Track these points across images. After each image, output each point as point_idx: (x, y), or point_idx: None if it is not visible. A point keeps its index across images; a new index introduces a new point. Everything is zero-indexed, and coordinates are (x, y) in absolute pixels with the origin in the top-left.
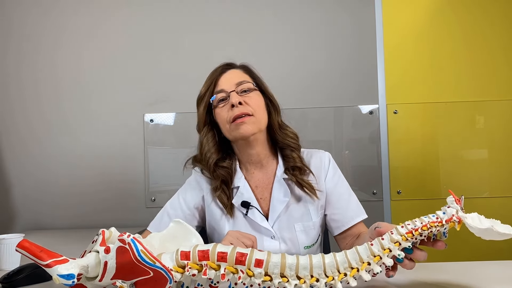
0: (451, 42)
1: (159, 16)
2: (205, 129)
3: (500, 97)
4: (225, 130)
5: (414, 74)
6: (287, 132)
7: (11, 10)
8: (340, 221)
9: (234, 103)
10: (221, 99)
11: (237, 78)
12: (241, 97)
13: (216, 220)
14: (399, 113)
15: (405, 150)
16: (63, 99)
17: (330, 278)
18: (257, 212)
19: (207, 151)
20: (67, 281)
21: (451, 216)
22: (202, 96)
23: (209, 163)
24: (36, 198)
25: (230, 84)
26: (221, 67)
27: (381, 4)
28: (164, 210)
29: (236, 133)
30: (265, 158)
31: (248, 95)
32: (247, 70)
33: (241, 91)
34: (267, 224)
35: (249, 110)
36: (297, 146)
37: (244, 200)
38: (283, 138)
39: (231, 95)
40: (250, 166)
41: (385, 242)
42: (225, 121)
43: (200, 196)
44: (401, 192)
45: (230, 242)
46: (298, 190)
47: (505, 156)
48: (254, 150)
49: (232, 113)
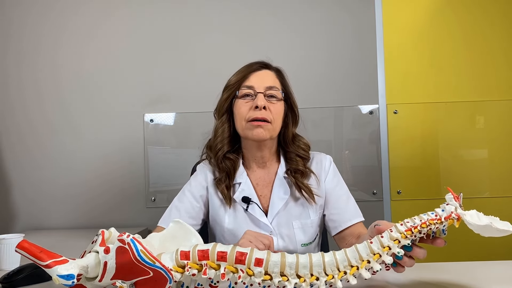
0: (451, 42)
1: (159, 16)
2: (223, 118)
3: (500, 97)
4: (239, 125)
5: (414, 74)
6: (300, 143)
7: (11, 10)
8: (337, 221)
9: (259, 106)
10: (246, 94)
11: (269, 82)
12: (267, 101)
13: (217, 212)
14: (399, 113)
15: (405, 150)
16: (63, 99)
17: (330, 277)
18: (257, 207)
19: (219, 141)
20: (66, 281)
21: (450, 213)
22: (230, 85)
23: (218, 154)
24: (36, 198)
25: (261, 84)
26: (257, 65)
27: (381, 4)
28: (172, 205)
29: (249, 132)
30: (269, 160)
31: (273, 102)
32: (280, 75)
33: (269, 95)
34: (266, 220)
35: (269, 117)
36: (307, 157)
37: (245, 196)
38: (294, 149)
39: (258, 96)
40: (253, 164)
41: (385, 240)
42: (243, 117)
43: (204, 186)
44: (401, 192)
45: (249, 241)
46: (297, 191)
47: (505, 156)
48: (260, 153)
49: (253, 114)
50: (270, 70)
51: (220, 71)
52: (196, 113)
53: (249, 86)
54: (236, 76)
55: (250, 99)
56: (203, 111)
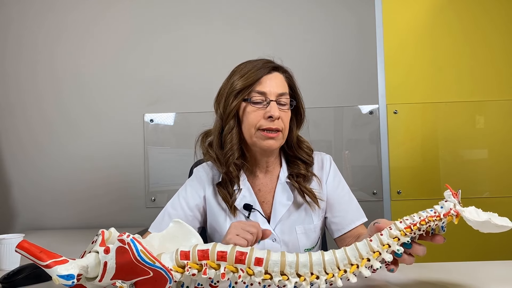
0: (451, 42)
1: (159, 16)
2: (231, 123)
3: (500, 97)
4: (247, 132)
5: (414, 74)
6: (303, 147)
7: (10, 9)
8: (340, 224)
9: (274, 116)
10: (258, 101)
11: (280, 87)
12: (279, 110)
13: (217, 220)
14: (399, 113)
15: (405, 150)
16: (63, 99)
17: (330, 275)
18: (259, 215)
19: (229, 149)
20: (66, 281)
21: (449, 210)
22: (240, 90)
23: (229, 161)
24: (36, 198)
25: (273, 91)
26: (268, 68)
27: (381, 4)
28: (165, 210)
29: (259, 142)
30: (272, 164)
31: (284, 111)
32: (288, 77)
33: (280, 103)
34: (268, 227)
35: (281, 127)
36: (310, 162)
37: (246, 203)
38: (297, 153)
39: (271, 105)
40: (256, 169)
41: (384, 237)
42: (253, 124)
43: (201, 196)
44: (401, 192)
45: (236, 234)
46: (300, 196)
47: (505, 156)
48: (266, 159)
49: (267, 124)
50: (279, 72)
51: (221, 71)
52: (196, 113)
53: (262, 92)
54: (245, 80)
55: (262, 106)
56: (203, 111)
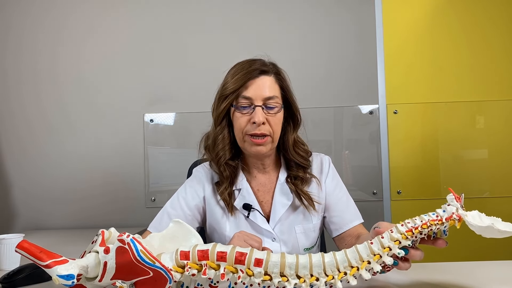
0: (451, 42)
1: (159, 16)
2: (222, 124)
3: (500, 97)
4: (237, 136)
5: (414, 74)
6: (299, 151)
7: (10, 11)
8: (339, 224)
9: (257, 122)
10: (244, 106)
11: (267, 91)
12: (265, 114)
13: (217, 220)
14: (399, 113)
15: (405, 150)
16: (63, 99)
17: (330, 277)
18: (258, 214)
19: (220, 149)
20: (66, 281)
21: (451, 214)
22: (228, 94)
23: (220, 162)
24: (36, 198)
25: (259, 96)
26: (256, 72)
27: (381, 4)
28: (164, 210)
29: (247, 147)
30: (269, 165)
31: (272, 114)
32: (279, 79)
33: (268, 107)
34: (268, 227)
35: (268, 131)
36: (306, 165)
37: (245, 203)
38: (293, 156)
39: (256, 110)
40: (254, 169)
41: (385, 240)
42: (241, 129)
43: (201, 196)
44: (401, 192)
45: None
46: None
47: (505, 156)
48: (261, 161)
49: (251, 129)
50: (268, 75)
51: (221, 70)
52: (196, 113)
53: (247, 97)
54: (233, 84)
55: (247, 111)
56: (203, 111)
